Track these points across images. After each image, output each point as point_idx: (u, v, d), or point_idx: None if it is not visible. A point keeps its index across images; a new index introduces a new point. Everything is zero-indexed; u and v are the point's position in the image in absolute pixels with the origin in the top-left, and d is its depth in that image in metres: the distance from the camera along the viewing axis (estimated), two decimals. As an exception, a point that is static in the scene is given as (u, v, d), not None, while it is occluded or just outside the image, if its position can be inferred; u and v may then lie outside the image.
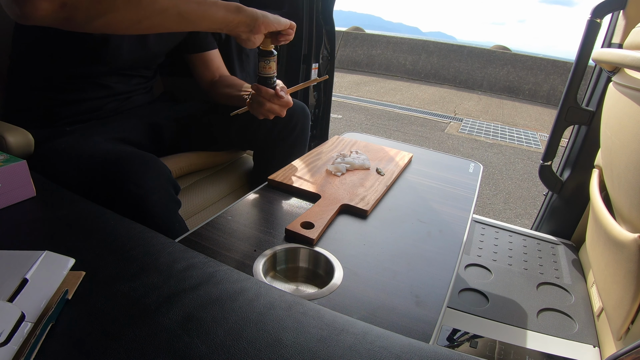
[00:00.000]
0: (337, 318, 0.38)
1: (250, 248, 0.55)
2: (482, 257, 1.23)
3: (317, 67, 1.44)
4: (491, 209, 2.26)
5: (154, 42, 0.87)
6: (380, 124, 3.95)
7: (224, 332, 0.34)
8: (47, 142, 0.73)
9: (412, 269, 0.55)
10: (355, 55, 7.68)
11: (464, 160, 1.02)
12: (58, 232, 0.47)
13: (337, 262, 0.54)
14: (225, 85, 0.97)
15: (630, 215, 0.79)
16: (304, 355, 0.33)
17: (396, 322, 0.45)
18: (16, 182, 0.52)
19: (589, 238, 1.12)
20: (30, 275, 0.36)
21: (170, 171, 0.69)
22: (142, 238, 0.47)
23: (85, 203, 0.54)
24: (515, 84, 6.64)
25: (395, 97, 5.49)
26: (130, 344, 0.32)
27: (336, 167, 0.80)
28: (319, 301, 0.47)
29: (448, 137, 3.74)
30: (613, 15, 1.24)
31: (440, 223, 0.68)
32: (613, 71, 1.03)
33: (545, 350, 0.89)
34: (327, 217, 0.63)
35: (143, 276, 0.40)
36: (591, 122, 1.27)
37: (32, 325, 0.32)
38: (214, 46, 1.01)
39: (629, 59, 0.78)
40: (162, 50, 0.93)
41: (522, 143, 3.80)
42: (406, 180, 0.85)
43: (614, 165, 0.87)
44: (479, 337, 0.92)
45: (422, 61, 7.30)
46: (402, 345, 0.35)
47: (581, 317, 1.00)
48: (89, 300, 0.37)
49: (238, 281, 0.41)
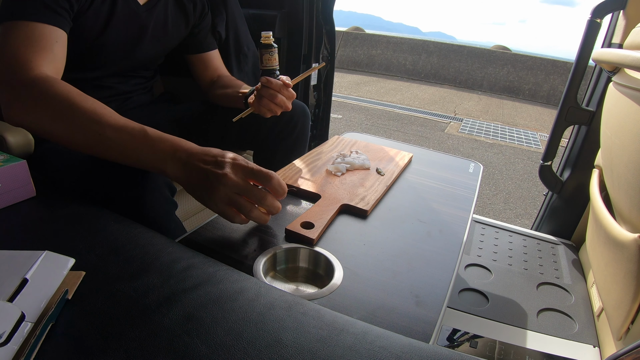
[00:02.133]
0: (337, 318, 0.38)
1: (250, 248, 0.55)
2: (482, 257, 1.23)
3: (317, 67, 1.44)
4: (491, 209, 2.26)
5: (149, 46, 0.87)
6: (380, 124, 3.95)
7: (224, 332, 0.34)
8: (47, 142, 0.73)
9: (412, 269, 0.55)
10: (355, 55, 7.68)
11: (464, 160, 1.02)
12: (58, 232, 0.47)
13: (337, 262, 0.54)
14: (224, 86, 0.97)
15: (630, 215, 0.79)
16: (304, 355, 0.33)
17: (396, 322, 0.45)
18: (16, 182, 0.52)
19: (589, 238, 1.12)
20: (30, 275, 0.36)
21: None
22: (142, 238, 0.47)
23: (85, 203, 0.54)
24: (515, 84, 6.64)
25: (395, 97, 5.49)
26: (130, 344, 0.32)
27: (336, 167, 0.80)
28: (319, 301, 0.47)
29: (448, 137, 3.74)
30: (613, 15, 1.24)
31: (440, 223, 0.68)
32: (613, 71, 1.03)
33: (545, 350, 0.89)
34: (327, 217, 0.63)
35: (143, 276, 0.40)
36: (591, 122, 1.27)
37: (32, 325, 0.32)
38: (213, 47, 1.02)
39: (629, 59, 0.78)
40: (158, 53, 0.93)
41: (522, 143, 3.80)
42: (406, 180, 0.85)
43: (614, 165, 0.87)
44: (479, 337, 0.92)
45: (422, 61, 7.30)
46: (402, 345, 0.35)
47: (581, 317, 1.00)
48: (89, 300, 0.37)
49: (238, 281, 0.41)
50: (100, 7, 0.75)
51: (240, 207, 0.52)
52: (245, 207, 0.52)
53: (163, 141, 0.55)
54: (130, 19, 0.81)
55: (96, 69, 0.83)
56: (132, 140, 0.54)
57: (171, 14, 0.89)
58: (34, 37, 0.62)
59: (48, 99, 0.56)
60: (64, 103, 0.55)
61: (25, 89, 0.57)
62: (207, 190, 0.52)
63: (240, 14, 1.10)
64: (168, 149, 0.54)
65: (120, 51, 0.83)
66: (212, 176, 0.51)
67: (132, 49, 0.85)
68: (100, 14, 0.76)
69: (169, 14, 0.89)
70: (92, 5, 0.74)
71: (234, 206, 0.52)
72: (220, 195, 0.51)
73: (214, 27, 1.00)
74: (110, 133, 0.54)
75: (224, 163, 0.52)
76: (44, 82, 0.57)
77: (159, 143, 0.54)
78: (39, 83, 0.57)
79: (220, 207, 0.52)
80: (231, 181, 0.51)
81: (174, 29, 0.91)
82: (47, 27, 0.63)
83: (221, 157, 0.53)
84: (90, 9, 0.73)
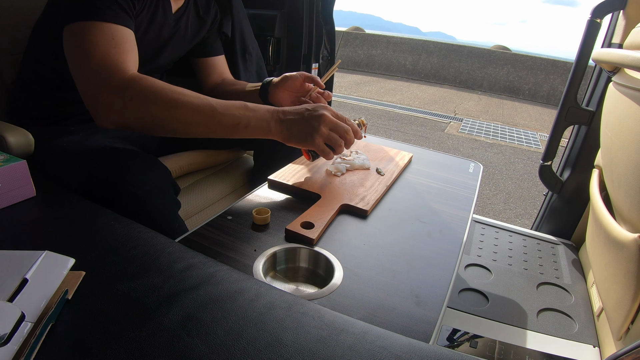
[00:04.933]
0: (337, 318, 0.38)
1: (250, 248, 0.55)
2: (482, 257, 1.23)
3: (317, 67, 1.44)
4: (491, 209, 2.26)
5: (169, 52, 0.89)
6: (380, 124, 3.95)
7: (224, 332, 0.34)
8: (48, 141, 0.73)
9: (412, 269, 0.55)
10: (355, 55, 7.68)
11: (464, 160, 1.02)
12: (58, 232, 0.47)
13: (337, 262, 0.54)
14: (230, 84, 0.99)
15: (630, 215, 0.79)
16: (304, 355, 0.33)
17: (396, 322, 0.45)
18: (16, 182, 0.52)
19: (589, 238, 1.12)
20: (30, 275, 0.36)
21: (170, 172, 0.69)
22: (142, 238, 0.47)
23: (85, 203, 0.54)
24: (515, 84, 6.64)
25: (395, 97, 5.49)
26: (130, 344, 0.32)
27: (336, 167, 0.80)
28: (319, 301, 0.47)
29: (448, 137, 3.74)
30: (613, 15, 1.24)
31: (440, 223, 0.68)
32: (613, 71, 1.03)
33: (545, 350, 0.89)
34: (327, 217, 0.63)
35: (143, 276, 0.40)
36: (591, 122, 1.27)
37: (32, 325, 0.32)
38: (220, 51, 1.02)
39: (629, 59, 0.78)
40: (174, 59, 0.94)
41: (522, 143, 3.80)
42: (406, 180, 0.85)
43: (614, 165, 0.87)
44: (479, 337, 0.92)
45: (422, 61, 7.30)
46: (402, 345, 0.35)
47: (581, 317, 1.00)
48: (89, 300, 0.37)
49: (238, 281, 0.41)
50: (147, 14, 0.76)
51: (334, 141, 0.66)
52: (337, 141, 0.66)
53: (261, 108, 0.64)
54: (163, 27, 0.82)
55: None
56: (239, 112, 0.62)
57: (191, 23, 0.90)
58: (119, 39, 0.63)
59: (156, 92, 0.60)
60: (171, 94, 0.60)
61: (127, 90, 0.59)
62: (310, 132, 0.64)
63: (245, 14, 1.10)
64: (267, 113, 0.64)
65: (147, 56, 0.84)
66: (312, 119, 0.64)
67: (156, 55, 0.86)
68: (145, 19, 0.77)
69: (189, 23, 0.90)
70: (143, 11, 0.75)
71: (329, 141, 0.66)
72: (322, 132, 0.64)
73: (220, 27, 1.00)
74: (221, 109, 0.61)
75: (317, 108, 0.66)
76: (143, 80, 0.60)
77: (259, 110, 0.64)
78: (138, 81, 0.60)
79: (319, 143, 0.65)
80: (328, 119, 0.65)
81: (192, 37, 0.93)
82: (126, 30, 0.65)
83: (310, 106, 0.66)
84: (141, 14, 0.75)
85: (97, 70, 0.60)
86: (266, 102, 0.90)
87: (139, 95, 0.59)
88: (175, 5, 0.84)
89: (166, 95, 0.60)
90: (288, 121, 0.64)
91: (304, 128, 0.64)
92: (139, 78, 0.61)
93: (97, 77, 0.60)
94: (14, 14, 0.85)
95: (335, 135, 0.66)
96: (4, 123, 0.70)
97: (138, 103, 0.59)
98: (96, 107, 0.61)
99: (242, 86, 0.96)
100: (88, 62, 0.60)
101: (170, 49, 0.88)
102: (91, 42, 0.61)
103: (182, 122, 0.61)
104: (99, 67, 0.60)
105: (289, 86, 0.86)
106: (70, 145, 0.71)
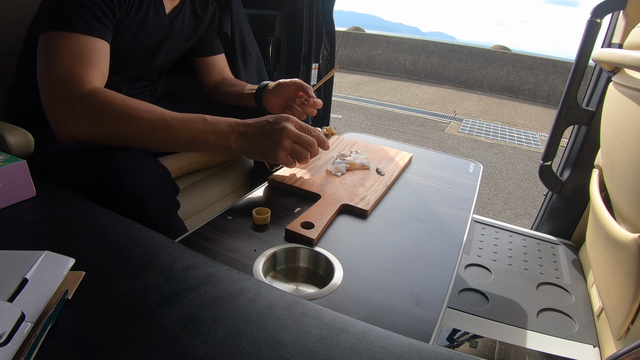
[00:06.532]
0: (337, 318, 0.38)
1: (250, 248, 0.55)
2: (482, 257, 1.23)
3: (317, 67, 1.44)
4: (491, 209, 2.26)
5: (166, 53, 0.89)
6: (380, 124, 3.95)
7: (224, 332, 0.34)
8: (48, 141, 0.73)
9: (412, 269, 0.55)
10: (355, 55, 7.68)
11: (464, 160, 1.02)
12: (58, 232, 0.47)
13: (337, 262, 0.54)
14: (230, 85, 0.99)
15: (630, 215, 0.79)
16: (304, 355, 0.33)
17: (396, 322, 0.45)
18: (16, 182, 0.52)
19: (589, 238, 1.12)
20: (30, 275, 0.36)
21: (169, 172, 0.69)
22: (142, 238, 0.47)
23: (85, 203, 0.54)
24: (515, 84, 6.64)
25: (395, 97, 5.49)
26: (130, 344, 0.32)
27: (336, 167, 0.80)
28: (319, 301, 0.47)
29: (448, 137, 3.74)
30: (613, 15, 1.24)
31: (440, 223, 0.68)
32: (613, 71, 1.03)
33: (545, 350, 0.89)
34: (327, 217, 0.63)
35: (143, 276, 0.40)
36: (591, 122, 1.27)
37: (32, 325, 0.32)
38: (220, 50, 1.02)
39: (629, 59, 0.78)
40: (171, 59, 0.94)
41: (522, 143, 3.80)
42: (406, 180, 0.85)
43: (614, 165, 0.87)
44: (479, 337, 0.92)
45: (422, 61, 7.30)
46: (402, 345, 0.35)
47: (581, 317, 1.00)
48: (89, 300, 0.37)
49: (238, 281, 0.41)
50: (135, 17, 0.76)
51: (299, 154, 0.63)
52: (302, 153, 0.63)
53: (220, 121, 0.62)
54: (156, 28, 0.82)
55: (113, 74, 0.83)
56: (196, 127, 0.61)
57: (187, 23, 0.90)
58: (85, 52, 0.62)
59: (111, 108, 0.59)
60: (127, 109, 0.59)
61: (83, 104, 0.59)
62: (272, 146, 0.61)
63: (244, 14, 1.10)
64: (227, 127, 0.62)
65: (141, 59, 0.84)
66: (274, 132, 0.61)
67: (152, 56, 0.86)
68: (133, 23, 0.76)
69: (186, 23, 0.90)
70: (129, 15, 0.74)
71: (293, 154, 0.63)
72: (285, 146, 0.61)
73: (220, 27, 1.00)
74: (176, 124, 0.60)
75: (278, 120, 0.63)
76: (100, 94, 0.60)
77: (218, 124, 0.62)
78: (95, 96, 0.59)
79: (283, 157, 0.62)
80: (291, 131, 0.62)
81: (189, 36, 0.93)
82: (96, 41, 0.64)
83: (271, 117, 0.63)
84: (127, 19, 0.74)
85: (57, 83, 0.59)
86: (260, 105, 0.91)
87: (94, 110, 0.59)
88: (170, 6, 0.84)
89: (120, 111, 0.59)
90: (249, 135, 0.62)
91: (266, 142, 0.61)
92: (97, 92, 0.60)
93: (57, 90, 0.59)
94: (14, 13, 0.85)
95: (300, 148, 0.63)
96: (4, 123, 0.70)
97: (92, 118, 0.59)
98: (53, 120, 0.60)
99: (241, 87, 0.96)
100: (50, 74, 0.60)
101: (166, 50, 0.88)
102: (56, 53, 0.60)
103: (137, 139, 0.60)
104: (60, 80, 0.59)
105: (282, 93, 0.86)
106: (70, 145, 0.71)
